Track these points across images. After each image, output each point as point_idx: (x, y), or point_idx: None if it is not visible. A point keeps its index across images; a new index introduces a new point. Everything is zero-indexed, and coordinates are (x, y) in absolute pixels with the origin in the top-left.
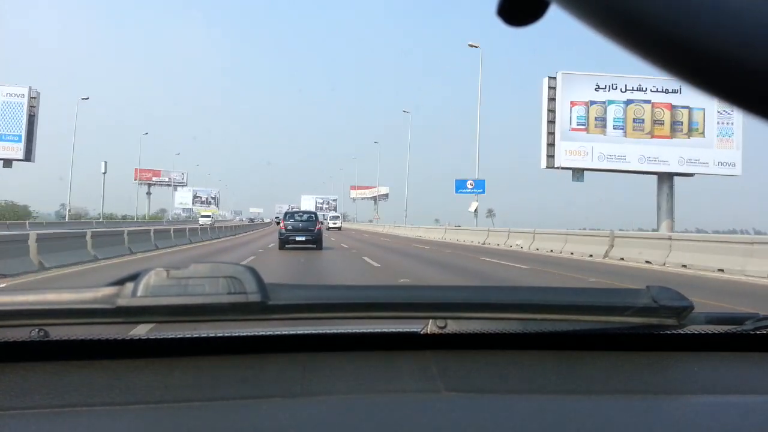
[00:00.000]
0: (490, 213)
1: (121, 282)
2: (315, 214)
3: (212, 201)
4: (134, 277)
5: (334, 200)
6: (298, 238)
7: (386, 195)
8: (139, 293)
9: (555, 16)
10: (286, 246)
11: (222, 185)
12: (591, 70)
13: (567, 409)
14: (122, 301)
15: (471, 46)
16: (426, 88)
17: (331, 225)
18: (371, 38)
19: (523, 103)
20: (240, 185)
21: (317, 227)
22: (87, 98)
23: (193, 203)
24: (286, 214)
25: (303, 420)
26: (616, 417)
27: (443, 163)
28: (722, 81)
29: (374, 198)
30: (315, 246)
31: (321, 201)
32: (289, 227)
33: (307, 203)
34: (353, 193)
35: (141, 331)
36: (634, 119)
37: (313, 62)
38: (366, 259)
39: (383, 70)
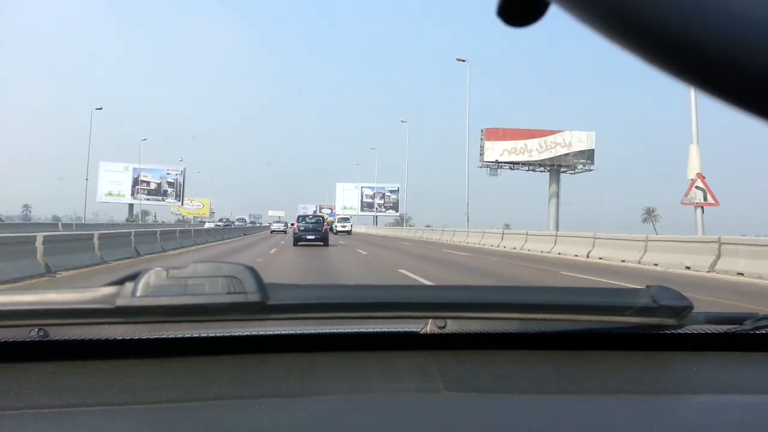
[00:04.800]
0: (649, 213)
1: (120, 282)
2: (322, 217)
3: (168, 190)
4: (134, 277)
5: (393, 190)
6: (308, 237)
7: (585, 154)
8: (138, 293)
9: (555, 16)
10: (299, 243)
11: (186, 164)
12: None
13: (567, 409)
14: (122, 301)
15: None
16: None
17: (339, 229)
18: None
19: None
20: (259, 186)
21: (324, 228)
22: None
23: (134, 192)
24: (298, 217)
25: (303, 420)
26: (616, 417)
27: None
28: (722, 81)
29: (551, 167)
30: (322, 243)
31: (371, 192)
32: (302, 228)
33: (349, 196)
34: (495, 149)
35: (141, 331)
36: None
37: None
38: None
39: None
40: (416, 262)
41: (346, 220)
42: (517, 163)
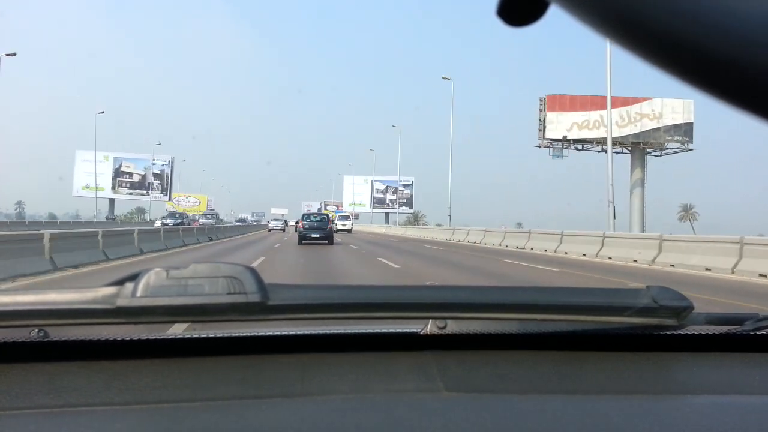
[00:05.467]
0: (687, 210)
1: (120, 282)
2: (327, 215)
3: (154, 183)
4: (134, 278)
5: (406, 184)
6: (313, 235)
7: (681, 129)
8: (138, 293)
9: (555, 16)
10: (303, 242)
11: (175, 153)
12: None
13: (567, 409)
14: (122, 302)
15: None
16: None
17: (339, 227)
18: None
19: None
20: (263, 184)
21: (329, 226)
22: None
23: (115, 186)
24: (303, 215)
25: (303, 420)
26: (616, 417)
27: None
28: (722, 81)
29: (634, 146)
30: (327, 242)
31: (383, 187)
32: (306, 226)
33: (358, 191)
34: (560, 122)
35: (141, 331)
36: None
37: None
38: None
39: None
40: None
41: (346, 218)
42: (588, 141)
